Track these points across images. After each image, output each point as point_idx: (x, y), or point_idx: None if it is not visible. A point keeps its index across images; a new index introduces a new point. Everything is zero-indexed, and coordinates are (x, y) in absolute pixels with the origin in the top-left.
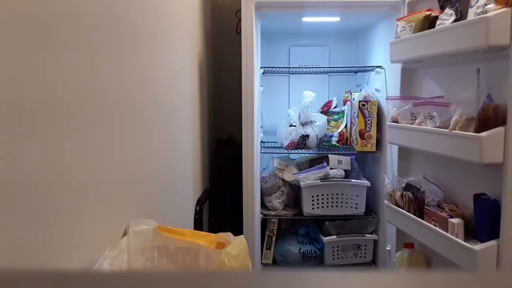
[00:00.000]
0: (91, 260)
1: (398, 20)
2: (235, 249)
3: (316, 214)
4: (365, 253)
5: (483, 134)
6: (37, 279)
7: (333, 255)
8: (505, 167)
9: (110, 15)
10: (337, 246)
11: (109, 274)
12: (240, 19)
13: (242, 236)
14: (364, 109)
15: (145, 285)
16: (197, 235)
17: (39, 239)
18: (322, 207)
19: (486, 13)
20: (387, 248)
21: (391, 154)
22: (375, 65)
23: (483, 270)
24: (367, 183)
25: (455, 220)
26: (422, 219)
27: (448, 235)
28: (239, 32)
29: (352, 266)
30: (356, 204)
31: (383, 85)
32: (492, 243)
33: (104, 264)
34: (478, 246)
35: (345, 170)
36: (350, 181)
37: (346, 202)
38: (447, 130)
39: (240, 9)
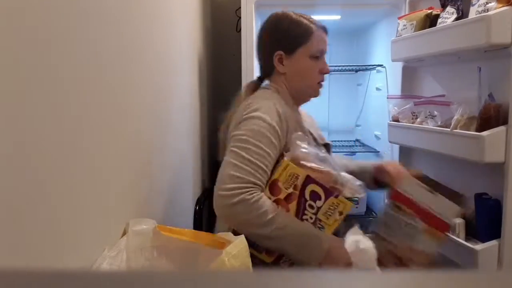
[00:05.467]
0: (90, 260)
1: (399, 18)
2: (235, 249)
3: None
4: None
5: (485, 133)
6: (36, 279)
7: None
8: (506, 166)
9: (108, 13)
10: None
11: (108, 274)
12: (240, 18)
13: (242, 235)
14: None
15: (145, 285)
16: (197, 235)
17: (37, 238)
18: None
19: (487, 11)
20: None
21: (392, 153)
22: (376, 63)
23: (484, 269)
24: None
25: (456, 220)
26: None
27: (449, 234)
28: (239, 30)
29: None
30: (357, 203)
31: (384, 84)
32: (493, 243)
33: (103, 264)
34: (479, 246)
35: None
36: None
37: None
38: (449, 129)
39: (240, 7)
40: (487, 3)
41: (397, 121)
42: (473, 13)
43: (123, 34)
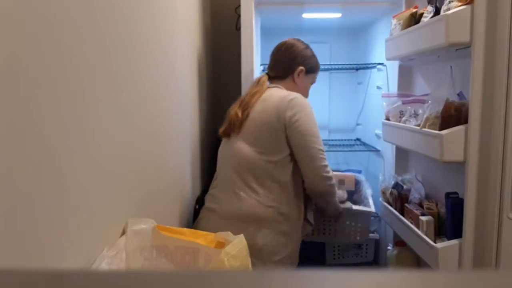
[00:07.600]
0: (89, 260)
1: (393, 17)
2: (235, 249)
3: (315, 240)
4: (366, 252)
5: (444, 132)
6: (35, 279)
7: (334, 254)
8: (466, 166)
9: (104, 12)
10: (338, 246)
11: (107, 273)
12: (239, 16)
13: (241, 235)
14: None
15: (144, 285)
16: (196, 234)
17: (37, 238)
18: (320, 233)
19: (449, 10)
20: (389, 247)
21: (392, 152)
22: (377, 62)
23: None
24: (371, 210)
25: (424, 218)
26: (404, 216)
27: (418, 231)
28: (238, 28)
29: (353, 266)
30: (359, 233)
31: (385, 82)
32: (454, 242)
33: (102, 264)
34: (440, 244)
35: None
36: (351, 209)
37: (347, 230)
38: (418, 128)
39: (240, 5)
40: (450, 2)
41: (388, 119)
42: (442, 12)
43: (121, 32)
